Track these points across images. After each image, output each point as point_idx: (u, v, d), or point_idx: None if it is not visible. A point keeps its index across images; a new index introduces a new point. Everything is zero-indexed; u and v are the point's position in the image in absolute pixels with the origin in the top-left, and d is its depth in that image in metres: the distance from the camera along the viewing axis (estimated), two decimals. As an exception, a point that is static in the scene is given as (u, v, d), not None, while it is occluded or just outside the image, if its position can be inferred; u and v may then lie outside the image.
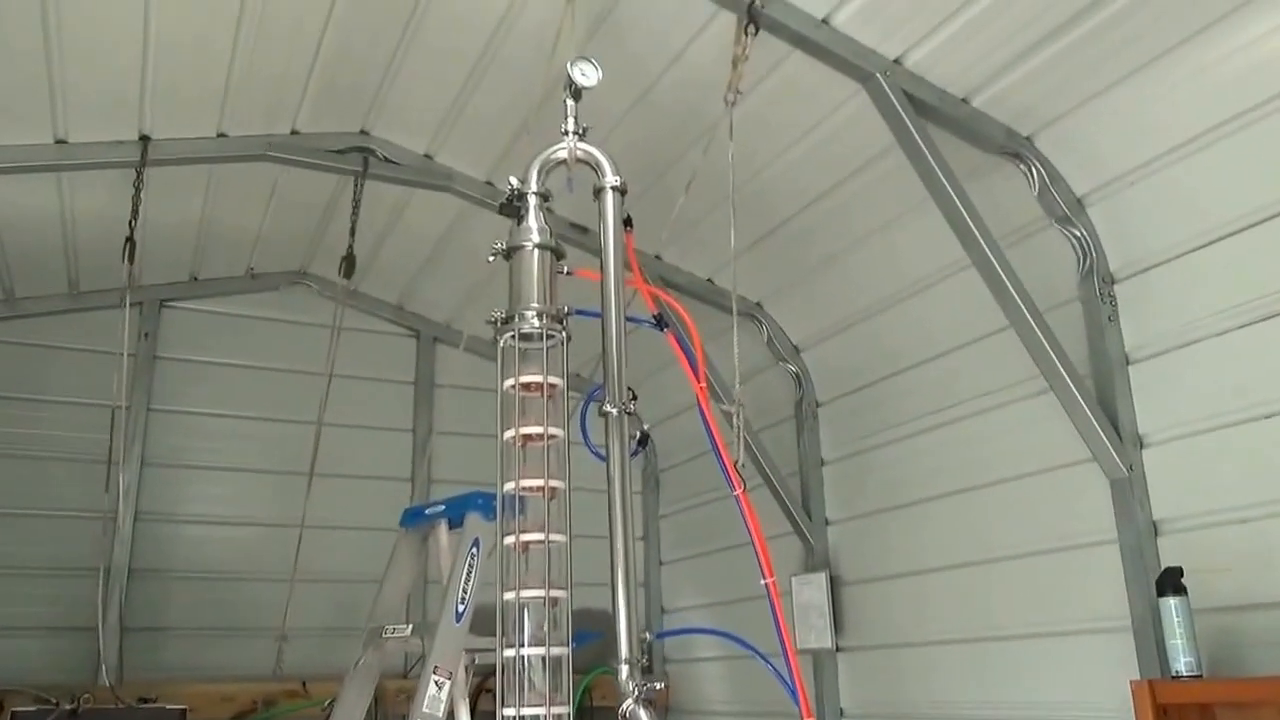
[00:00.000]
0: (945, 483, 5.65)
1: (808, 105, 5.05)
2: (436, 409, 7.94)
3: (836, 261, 6.03)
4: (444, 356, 8.09)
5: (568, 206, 5.19)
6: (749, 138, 5.06)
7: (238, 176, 6.12)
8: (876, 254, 5.80)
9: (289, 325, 7.67)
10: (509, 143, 5.77)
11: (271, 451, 7.33)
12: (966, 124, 4.78)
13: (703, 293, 6.47)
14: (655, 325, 3.83)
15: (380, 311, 8.00)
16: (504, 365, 3.38)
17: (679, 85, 5.06)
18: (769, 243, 6.06)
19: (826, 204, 5.67)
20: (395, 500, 7.27)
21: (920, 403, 5.85)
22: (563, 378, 3.38)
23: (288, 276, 7.72)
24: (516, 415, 3.32)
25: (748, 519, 3.47)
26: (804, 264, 6.20)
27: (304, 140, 5.94)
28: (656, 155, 5.52)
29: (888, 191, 5.36)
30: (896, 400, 6.04)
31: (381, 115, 5.90)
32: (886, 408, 6.12)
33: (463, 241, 6.87)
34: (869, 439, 6.24)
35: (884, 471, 6.12)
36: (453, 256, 7.11)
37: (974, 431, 5.50)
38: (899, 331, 5.96)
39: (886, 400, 6.13)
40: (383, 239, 7.05)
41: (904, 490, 5.94)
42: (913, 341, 5.88)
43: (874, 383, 6.23)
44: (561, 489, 3.29)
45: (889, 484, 6.06)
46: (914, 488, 5.87)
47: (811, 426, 6.67)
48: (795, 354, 6.75)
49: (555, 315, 3.41)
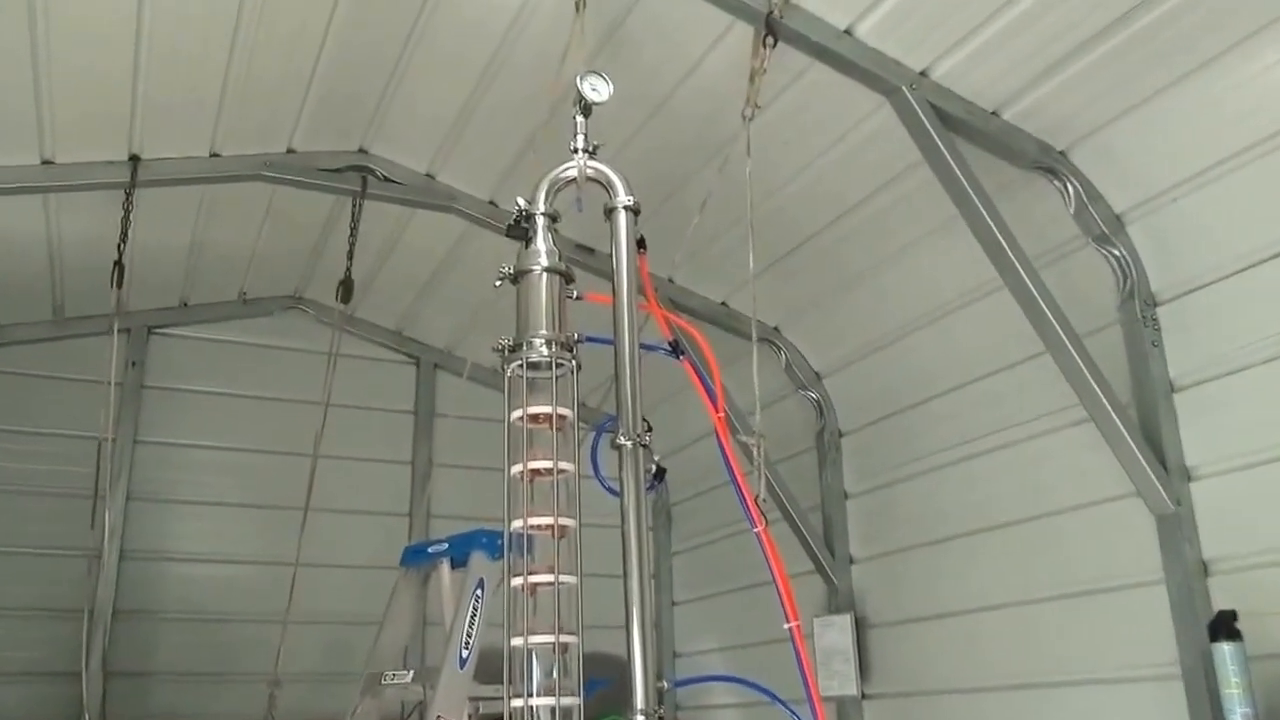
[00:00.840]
0: (977, 518, 5.61)
1: (829, 120, 5.04)
2: (437, 440, 7.94)
3: (859, 283, 6.01)
4: (445, 385, 8.09)
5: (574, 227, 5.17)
6: (767, 154, 5.05)
7: (231, 197, 6.14)
8: (902, 275, 5.78)
9: (283, 352, 7.68)
10: (514, 161, 5.78)
11: (264, 485, 7.32)
12: (997, 138, 4.77)
13: (718, 317, 6.47)
14: (670, 352, 3.81)
15: (378, 338, 8.01)
16: (510, 395, 3.36)
17: (694, 99, 5.06)
18: (788, 264, 6.04)
19: (849, 223, 5.65)
20: (394, 537, 7.28)
21: (950, 433, 5.82)
22: (572, 409, 3.36)
23: (282, 301, 7.73)
24: (524, 448, 3.30)
25: (770, 558, 3.44)
26: (825, 286, 6.18)
27: (300, 159, 5.96)
28: (669, 173, 5.52)
29: (914, 209, 5.34)
30: (924, 430, 6.01)
31: (381, 133, 5.92)
32: (913, 438, 6.08)
33: (466, 265, 6.87)
34: (895, 471, 6.20)
35: (911, 506, 6.07)
36: (455, 280, 7.12)
37: (1008, 464, 5.46)
38: (926, 357, 5.93)
39: (913, 430, 6.09)
40: (382, 262, 7.06)
41: (933, 526, 5.89)
42: (941, 368, 5.86)
43: (900, 411, 6.19)
44: (572, 527, 3.27)
45: (917, 519, 6.01)
46: (944, 523, 5.82)
47: (834, 458, 6.64)
48: (816, 381, 6.73)
49: (565, 343, 3.39)
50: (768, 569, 3.48)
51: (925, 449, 5.98)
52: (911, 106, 4.58)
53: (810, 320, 6.50)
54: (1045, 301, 4.66)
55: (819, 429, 6.73)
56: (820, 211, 5.66)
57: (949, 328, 5.73)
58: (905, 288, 5.82)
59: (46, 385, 7.02)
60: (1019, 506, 5.37)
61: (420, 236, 6.69)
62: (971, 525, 5.65)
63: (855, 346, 6.36)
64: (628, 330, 3.42)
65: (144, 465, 7.15)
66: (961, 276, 5.46)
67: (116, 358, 6.50)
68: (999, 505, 5.49)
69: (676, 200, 5.54)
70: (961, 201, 4.67)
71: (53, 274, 6.58)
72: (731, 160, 4.81)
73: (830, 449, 6.66)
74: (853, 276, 5.99)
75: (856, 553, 6.48)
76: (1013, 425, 5.43)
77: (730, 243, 5.80)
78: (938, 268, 5.57)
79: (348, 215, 6.34)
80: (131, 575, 6.92)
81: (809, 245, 5.89)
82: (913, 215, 5.39)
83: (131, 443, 7.13)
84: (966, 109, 4.70)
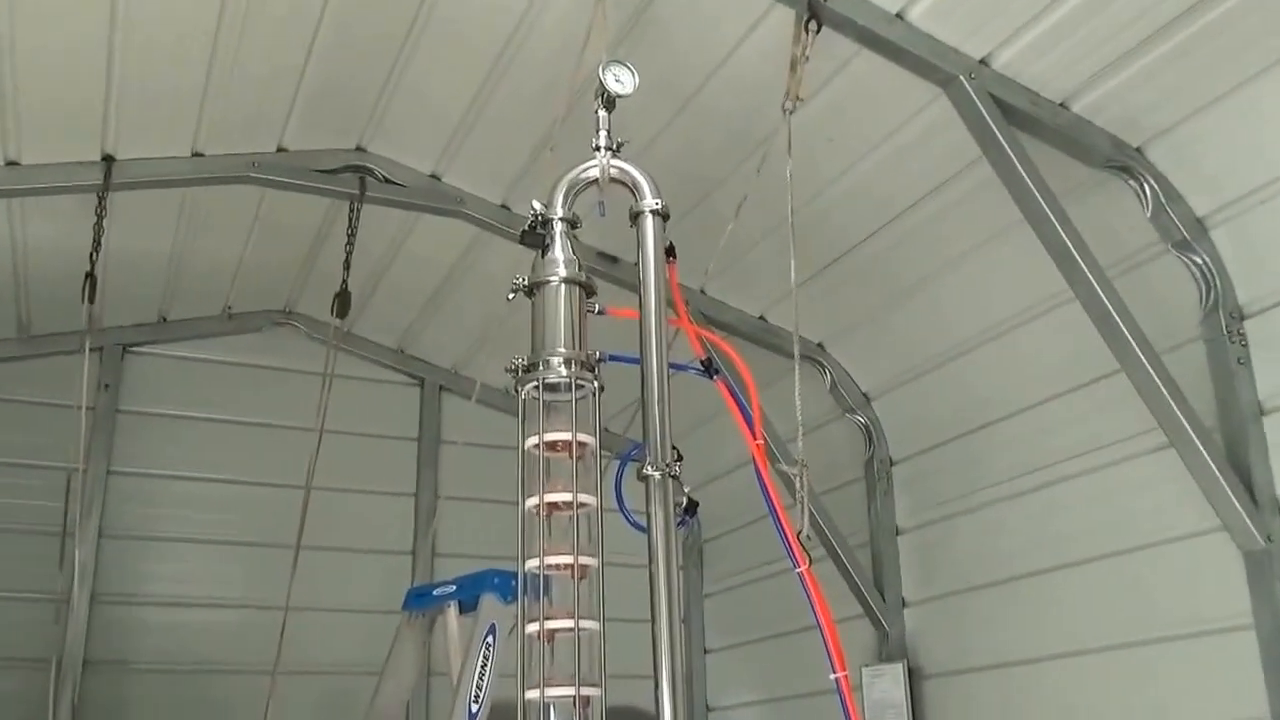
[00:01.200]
0: (1044, 556, 5.58)
1: (879, 113, 5.05)
2: (443, 470, 7.95)
3: (912, 295, 6.01)
4: (452, 409, 8.12)
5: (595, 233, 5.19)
6: (810, 152, 5.06)
7: (215, 202, 6.19)
8: (959, 286, 5.77)
9: (272, 373, 7.72)
10: (529, 160, 5.80)
11: (252, 521, 7.35)
12: (1065, 133, 4.77)
13: (755, 333, 6.48)
14: (703, 372, 3.81)
15: (379, 356, 8.04)
16: (525, 420, 3.37)
17: (728, 91, 5.08)
18: (833, 274, 6.05)
19: (900, 228, 5.66)
20: (396, 578, 7.28)
21: (1013, 461, 5.80)
22: (594, 435, 3.37)
23: (271, 316, 7.77)
24: (540, 479, 3.31)
25: (815, 601, 3.44)
26: (874, 299, 6.18)
27: (292, 159, 5.99)
28: (701, 173, 5.54)
29: (973, 213, 5.34)
30: (984, 458, 5.99)
31: (381, 130, 5.95)
32: (973, 467, 6.07)
33: (475, 275, 6.89)
34: (952, 504, 6.19)
35: (971, 543, 6.06)
36: (463, 293, 7.14)
37: (1078, 495, 5.44)
38: (987, 377, 5.92)
39: (973, 458, 6.08)
40: (382, 273, 7.09)
41: (995, 565, 5.87)
42: (1003, 389, 5.84)
43: (957, 437, 6.18)
44: (593, 566, 3.27)
45: (977, 558, 6.00)
46: (1007, 562, 5.80)
47: (884, 489, 6.63)
48: (865, 403, 6.72)
49: (586, 362, 3.40)
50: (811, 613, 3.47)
51: (986, 479, 5.96)
52: (970, 98, 4.59)
53: (858, 336, 6.50)
54: (1120, 314, 4.65)
55: (868, 457, 6.73)
56: (868, 216, 5.67)
57: (1012, 344, 5.72)
58: (963, 300, 5.82)
59: (10, 410, 7.06)
60: (1090, 543, 5.35)
61: (425, 244, 6.72)
62: (1037, 564, 5.63)
63: (908, 365, 6.36)
64: (655, 348, 3.43)
65: (118, 499, 7.18)
66: (1026, 287, 5.45)
67: (88, 379, 6.54)
68: (1067, 542, 5.46)
69: (709, 203, 5.55)
70: (1026, 204, 4.67)
71: (17, 287, 6.63)
72: (770, 159, 4.81)
73: (880, 479, 6.64)
74: (905, 288, 5.99)
75: (910, 595, 6.46)
76: (1083, 453, 5.41)
77: (769, 251, 5.81)
78: (999, 278, 5.56)
79: (344, 221, 6.37)
80: (104, 621, 6.94)
81: (856, 253, 5.90)
82: (971, 220, 5.39)
83: (104, 474, 7.16)
84: (1031, 101, 4.70)
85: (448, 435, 8.06)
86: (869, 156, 5.29)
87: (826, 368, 6.69)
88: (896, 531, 6.58)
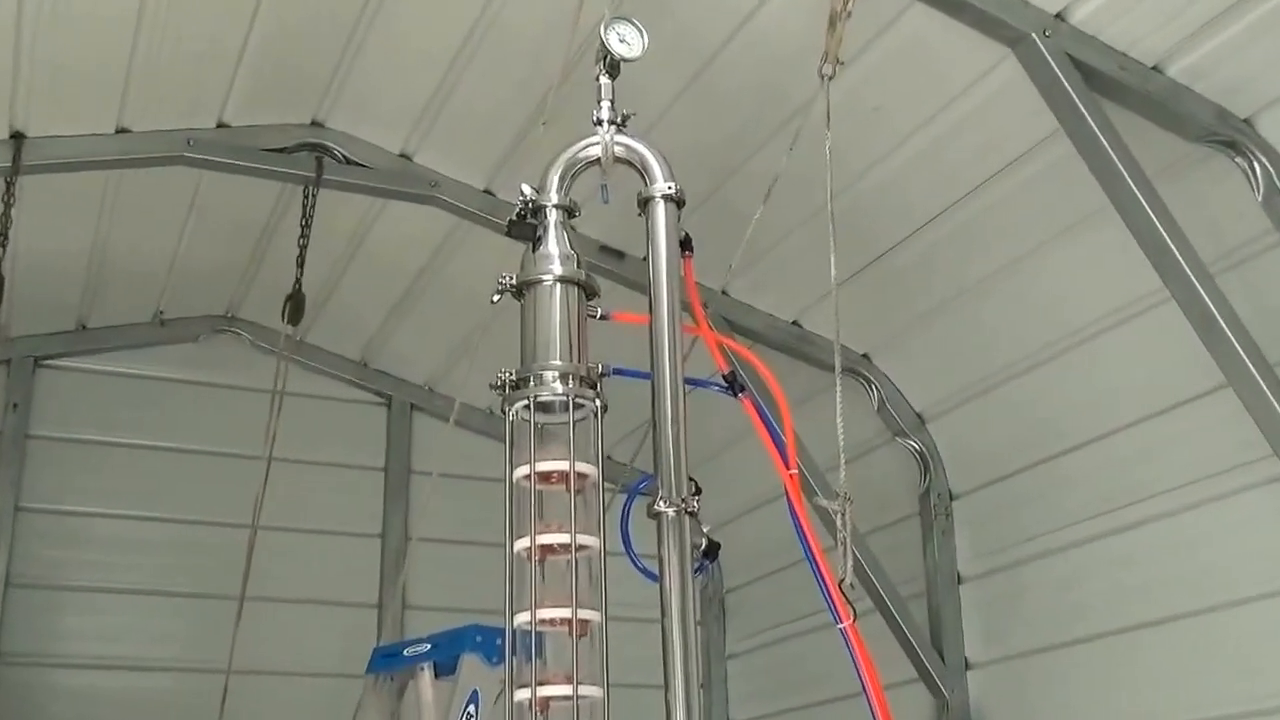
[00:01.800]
0: (1132, 610, 5.57)
1: (934, 80, 5.05)
2: (415, 506, 7.94)
3: (975, 297, 6.00)
4: (426, 432, 8.13)
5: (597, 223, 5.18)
6: (852, 126, 5.04)
7: (145, 187, 6.20)
8: (1031, 287, 5.76)
9: (212, 390, 7.73)
10: (518, 137, 5.81)
11: (187, 567, 7.35)
12: (1159, 102, 4.75)
13: (788, 341, 6.48)
14: (725, 388, 3.79)
15: (338, 370, 8.05)
16: (514, 447, 3.36)
17: (754, 54, 5.08)
18: (880, 272, 6.05)
19: (960, 216, 5.65)
20: (359, 635, 7.27)
21: (1096, 495, 5.78)
22: (596, 464, 3.36)
23: (211, 323, 7.78)
24: (532, 517, 3.30)
25: (860, 663, 3.42)
26: (930, 301, 6.18)
27: (235, 136, 6.00)
28: (723, 151, 5.54)
29: (1047, 198, 5.33)
30: (1062, 492, 5.97)
31: (342, 101, 5.96)
32: (1048, 503, 6.05)
33: (453, 274, 6.90)
34: (1024, 546, 6.17)
35: (1047, 593, 6.04)
36: (439, 294, 7.15)
37: (1176, 536, 5.42)
38: (1064, 395, 5.91)
39: (1048, 491, 6.06)
40: (342, 271, 7.11)
41: (1074, 620, 5.87)
42: (1084, 409, 5.83)
43: (1030, 466, 6.17)
44: (595, 621, 3.26)
45: (1053, 611, 5.99)
46: (1088, 617, 5.79)
47: (943, 527, 6.62)
48: (919, 426, 6.71)
49: (586, 377, 3.39)
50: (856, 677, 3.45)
51: (1064, 517, 5.94)
52: (1044, 60, 4.58)
53: (910, 346, 6.50)
54: (1225, 318, 4.63)
55: (923, 490, 6.72)
56: (922, 201, 5.67)
57: (1095, 355, 5.71)
58: (1035, 303, 5.81)
59: (-100, 436, 7.09)
60: (1187, 596, 5.34)
61: (393, 236, 6.73)
62: (1124, 620, 5.62)
63: (970, 380, 6.35)
64: (669, 360, 3.41)
65: (27, 540, 7.18)
66: (1111, 287, 5.45)
67: (-8, 398, 6.58)
68: (1161, 594, 5.45)
69: (732, 187, 5.55)
70: (1112, 186, 4.66)
71: (-92, 290, 6.65)
72: (805, 134, 4.79)
73: (938, 516, 6.64)
74: (966, 288, 5.99)
75: (973, 655, 6.45)
76: (1178, 486, 5.40)
77: (803, 243, 5.81)
78: (1079, 275, 5.56)
79: (298, 209, 6.37)
80: (9, 685, 6.93)
81: (908, 247, 5.90)
82: (1045, 206, 5.39)
83: (12, 510, 7.17)
84: (1118, 64, 4.68)
85: (420, 464, 8.06)
86: (923, 131, 5.28)
87: (873, 383, 6.68)
88: (958, 579, 6.57)
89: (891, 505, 6.88)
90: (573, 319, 3.47)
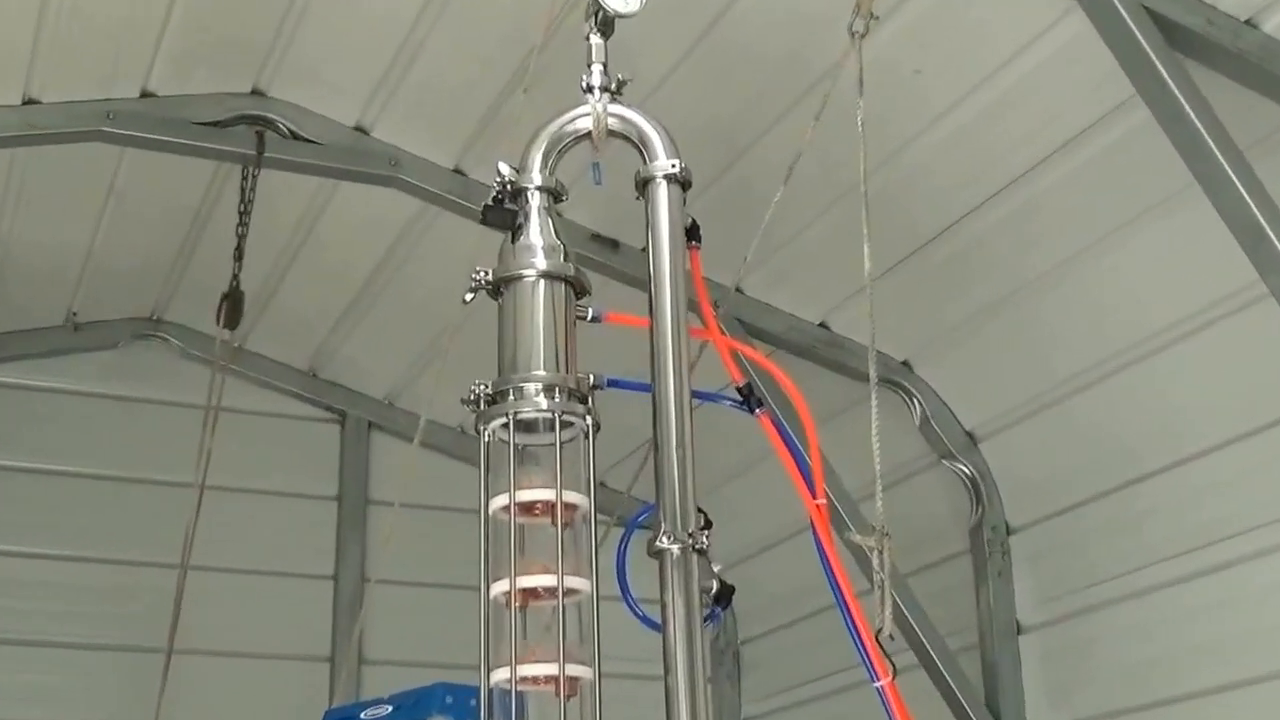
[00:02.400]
0: (1229, 666, 5.56)
1: (985, 38, 5.05)
2: (373, 542, 7.94)
3: (1034, 295, 6.00)
4: (386, 455, 8.14)
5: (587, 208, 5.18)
6: (889, 92, 5.05)
7: (54, 168, 6.21)
8: (1101, 281, 5.77)
9: (134, 405, 7.74)
10: (493, 107, 5.81)
11: (107, 615, 7.34)
12: (1253, 62, 4.72)
13: (814, 346, 6.50)
14: (740, 403, 3.79)
15: (283, 382, 8.07)
16: (490, 473, 3.36)
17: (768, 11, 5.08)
18: (922, 264, 6.06)
19: (1016, 200, 5.66)
20: (309, 694, 7.26)
21: (1180, 530, 5.78)
22: (588, 493, 3.36)
23: (133, 327, 7.79)
24: (512, 555, 3.29)
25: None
26: (981, 299, 6.18)
27: (161, 107, 5.99)
28: (735, 124, 5.54)
29: (1119, 177, 5.34)
30: (1139, 525, 5.97)
31: (286, 66, 5.96)
32: (1123, 538, 6.05)
33: (417, 267, 6.92)
34: (1095, 590, 6.17)
35: (1122, 646, 6.04)
36: (400, 292, 7.16)
37: (1276, 577, 5.40)
38: (1141, 410, 5.92)
39: (1122, 525, 6.06)
40: (287, 265, 7.12)
41: (1157, 678, 5.86)
42: (1163, 428, 5.84)
43: (1100, 495, 6.17)
44: (586, 679, 3.25)
45: (1131, 667, 5.98)
46: (1174, 674, 5.78)
47: (999, 567, 6.62)
48: (969, 447, 6.72)
49: (576, 390, 3.39)
50: (896, 745, 3.45)
51: (1142, 555, 5.94)
52: (1117, 14, 4.58)
53: (959, 352, 6.51)
54: (1334, 318, 4.64)
55: (974, 522, 6.72)
56: (972, 182, 5.68)
57: (1176, 364, 5.71)
58: (1105, 301, 5.82)
59: None
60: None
61: (347, 225, 6.75)
62: (1214, 678, 5.62)
63: (1030, 393, 6.36)
64: (673, 370, 3.40)
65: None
66: (1197, 282, 5.45)
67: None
68: (1259, 647, 5.45)
69: (747, 165, 5.55)
70: (1197, 162, 4.65)
71: None
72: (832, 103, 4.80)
73: (993, 554, 6.64)
74: (1024, 284, 5.99)
75: (1037, 719, 6.43)
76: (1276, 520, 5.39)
77: (832, 231, 5.83)
78: (1157, 269, 5.56)
79: (235, 193, 6.39)
80: None
81: (955, 235, 5.91)
82: (1117, 187, 5.39)
83: (-112, 549, 7.20)
84: (1205, 18, 4.67)
85: (379, 493, 8.07)
86: (973, 97, 5.29)
87: (915, 396, 6.69)
88: (1017, 629, 6.57)
89: (938, 541, 6.90)
90: (559, 321, 3.46)
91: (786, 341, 6.44)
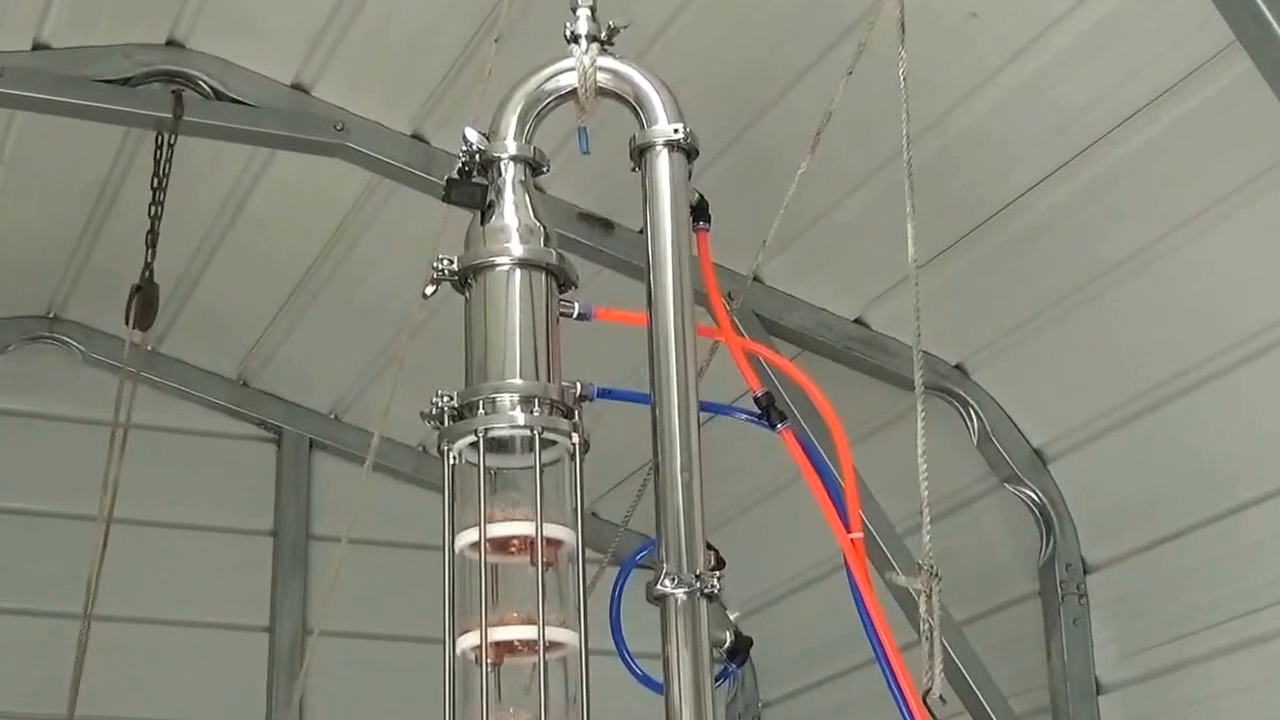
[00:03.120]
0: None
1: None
2: (316, 586, 7.97)
3: (1113, 287, 6.01)
4: (331, 480, 8.18)
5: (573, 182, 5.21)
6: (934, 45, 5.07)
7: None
8: (1195, 269, 5.78)
9: (27, 421, 7.78)
10: (459, 62, 5.84)
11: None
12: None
13: (847, 348, 6.52)
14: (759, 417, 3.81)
15: (207, 392, 8.10)
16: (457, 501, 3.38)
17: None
18: (975, 251, 6.09)
19: (1092, 171, 5.66)
20: (239, 770, 7.31)
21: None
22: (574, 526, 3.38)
23: (25, 327, 7.82)
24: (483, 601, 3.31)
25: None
26: (1048, 292, 6.19)
27: (58, 62, 6.00)
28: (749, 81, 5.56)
29: (1215, 143, 5.35)
30: (1246, 563, 5.98)
31: (209, 11, 5.97)
32: (1222, 578, 6.06)
33: (367, 254, 6.95)
34: (1190, 642, 6.17)
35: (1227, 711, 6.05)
36: (347, 284, 7.20)
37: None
38: (1242, 425, 5.94)
39: (1222, 563, 6.07)
40: (211, 253, 7.14)
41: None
42: (1270, 446, 5.84)
43: (1196, 526, 6.17)
44: (574, 752, 3.28)
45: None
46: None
47: (1075, 614, 6.62)
48: (1038, 467, 6.72)
49: (559, 401, 3.41)
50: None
51: (1245, 600, 5.94)
52: (1212, -54, 4.60)
53: (1023, 355, 6.53)
54: None
55: (1044, 559, 6.72)
56: (1036, 150, 5.69)
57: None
58: (1198, 294, 5.84)
59: None
60: None
61: (283, 203, 6.79)
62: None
63: (1108, 404, 6.36)
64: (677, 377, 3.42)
65: None
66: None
67: None
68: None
69: (766, 130, 5.57)
70: (1310, 125, 4.68)
71: None
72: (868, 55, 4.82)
73: (1067, 597, 6.63)
74: (1098, 273, 6.00)
75: (1120, 798, 6.48)
76: None
77: (868, 209, 5.86)
78: (1261, 255, 5.58)
79: (148, 164, 6.38)
80: None
81: (1015, 215, 5.92)
82: (1213, 155, 5.40)
83: None
84: (1321, -52, 4.71)
85: (324, 526, 8.09)
86: (1035, 47, 5.28)
87: (971, 407, 6.69)
88: (1096, 689, 6.57)
89: (1000, 581, 6.92)
90: (539, 319, 3.48)
91: (815, 342, 6.44)
